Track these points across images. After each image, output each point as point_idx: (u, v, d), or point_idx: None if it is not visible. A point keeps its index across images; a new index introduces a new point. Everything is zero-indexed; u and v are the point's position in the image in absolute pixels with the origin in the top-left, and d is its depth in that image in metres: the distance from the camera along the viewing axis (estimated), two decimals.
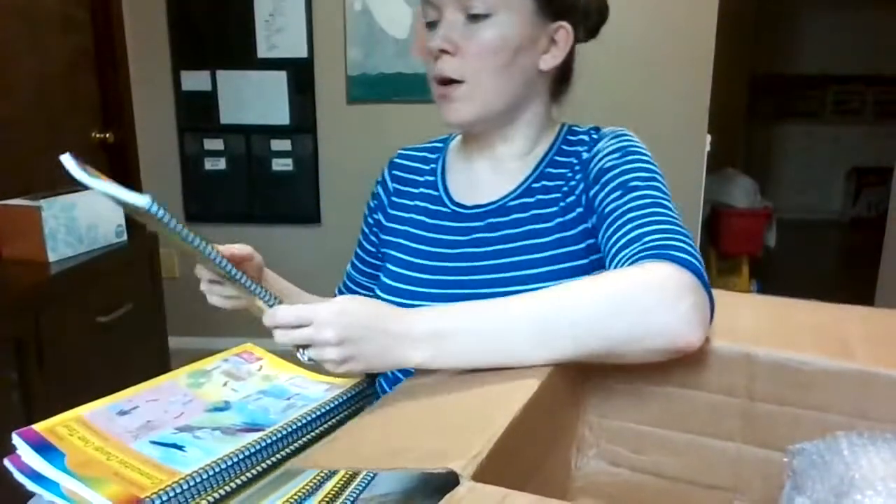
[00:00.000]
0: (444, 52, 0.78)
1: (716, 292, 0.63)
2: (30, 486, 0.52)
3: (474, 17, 0.77)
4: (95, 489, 0.49)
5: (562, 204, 0.82)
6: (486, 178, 0.87)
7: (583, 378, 0.67)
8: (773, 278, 3.93)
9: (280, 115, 2.84)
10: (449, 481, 0.43)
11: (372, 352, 0.60)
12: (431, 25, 0.81)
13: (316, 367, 0.63)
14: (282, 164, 2.88)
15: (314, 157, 2.88)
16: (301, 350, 0.61)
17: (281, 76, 2.80)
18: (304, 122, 2.84)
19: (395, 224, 0.93)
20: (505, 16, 0.77)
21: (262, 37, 2.77)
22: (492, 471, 0.45)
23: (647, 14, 2.63)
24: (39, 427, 0.57)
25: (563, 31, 0.81)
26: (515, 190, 0.85)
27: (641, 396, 0.62)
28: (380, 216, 0.96)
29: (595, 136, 0.84)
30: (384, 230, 0.94)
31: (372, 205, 0.98)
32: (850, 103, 5.97)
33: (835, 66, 5.86)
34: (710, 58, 2.68)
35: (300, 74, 2.80)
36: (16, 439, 0.54)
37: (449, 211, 0.88)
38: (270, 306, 0.65)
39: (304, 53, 2.78)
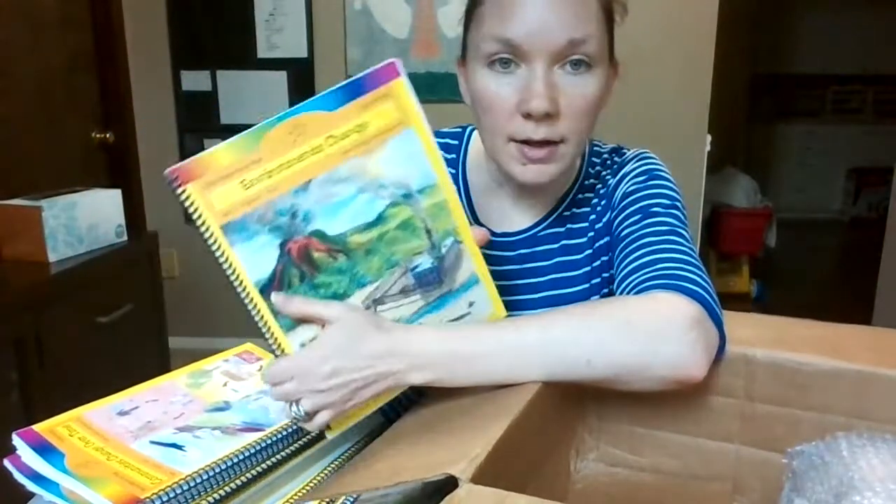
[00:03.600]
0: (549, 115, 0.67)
1: None
2: (30, 486, 0.52)
3: (576, 66, 0.67)
4: (95, 489, 0.49)
5: (590, 234, 0.80)
6: (514, 202, 0.83)
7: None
8: (773, 278, 3.93)
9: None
10: (449, 483, 0.43)
11: (367, 387, 0.57)
12: (505, 64, 0.68)
13: (307, 420, 0.57)
14: None
15: None
16: (293, 406, 0.56)
17: (281, 76, 2.80)
18: None
19: None
20: (601, 67, 0.69)
21: (262, 37, 2.77)
22: (491, 473, 0.45)
23: (647, 14, 2.63)
24: (39, 427, 0.57)
25: (615, 70, 0.75)
26: (546, 217, 0.82)
27: (640, 399, 0.62)
28: None
29: (618, 160, 0.82)
30: None
31: None
32: (850, 103, 5.96)
33: (835, 66, 5.86)
34: (711, 58, 2.69)
35: (300, 74, 2.79)
36: (16, 440, 0.54)
37: None
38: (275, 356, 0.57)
39: (304, 53, 2.78)
